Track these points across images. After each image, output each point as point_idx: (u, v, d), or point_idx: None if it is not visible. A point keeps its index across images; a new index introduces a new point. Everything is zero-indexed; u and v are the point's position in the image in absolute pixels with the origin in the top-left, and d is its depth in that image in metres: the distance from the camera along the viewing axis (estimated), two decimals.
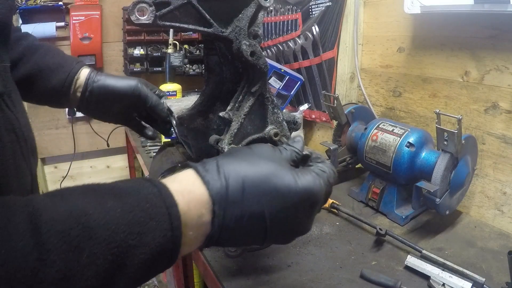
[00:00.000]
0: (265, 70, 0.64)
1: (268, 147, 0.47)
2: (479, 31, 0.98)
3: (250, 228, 0.42)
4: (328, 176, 0.48)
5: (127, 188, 0.38)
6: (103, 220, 0.35)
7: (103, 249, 0.33)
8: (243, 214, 0.40)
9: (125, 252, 0.35)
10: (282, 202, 0.42)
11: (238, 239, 0.43)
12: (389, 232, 0.85)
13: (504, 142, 0.96)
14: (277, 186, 0.42)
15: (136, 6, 0.52)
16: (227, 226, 0.40)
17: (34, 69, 0.74)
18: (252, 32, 0.61)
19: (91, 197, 0.36)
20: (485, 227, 0.95)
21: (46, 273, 0.30)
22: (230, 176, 0.41)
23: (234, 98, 0.68)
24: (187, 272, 1.25)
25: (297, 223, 0.45)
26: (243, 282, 0.73)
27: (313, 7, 1.47)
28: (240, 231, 0.41)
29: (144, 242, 0.36)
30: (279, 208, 0.42)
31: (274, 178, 0.42)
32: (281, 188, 0.42)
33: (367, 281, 0.73)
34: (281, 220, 0.43)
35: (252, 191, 0.41)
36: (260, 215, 0.41)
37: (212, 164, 0.42)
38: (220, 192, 0.40)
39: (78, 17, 2.06)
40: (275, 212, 0.42)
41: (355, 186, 1.12)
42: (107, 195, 0.37)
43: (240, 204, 0.40)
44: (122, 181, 0.40)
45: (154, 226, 0.36)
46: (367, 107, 1.27)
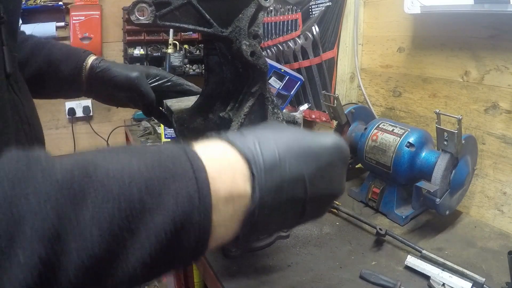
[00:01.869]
0: (265, 70, 0.64)
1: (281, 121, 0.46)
2: (479, 31, 0.98)
3: (291, 196, 0.37)
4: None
5: (146, 148, 0.34)
6: (115, 172, 0.29)
7: (110, 206, 0.27)
8: (283, 179, 0.36)
9: (139, 215, 0.28)
10: (317, 161, 0.39)
11: (278, 215, 0.38)
12: (389, 232, 0.85)
13: (504, 142, 0.96)
14: (310, 146, 0.39)
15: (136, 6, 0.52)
16: (268, 197, 0.35)
17: (44, 63, 0.76)
18: (252, 32, 0.61)
19: (103, 152, 0.31)
20: (485, 227, 0.95)
21: (33, 227, 0.25)
22: (261, 141, 0.37)
23: (234, 98, 0.68)
24: (187, 272, 1.25)
25: (333, 182, 0.42)
26: (243, 282, 0.73)
27: (313, 7, 1.47)
28: (281, 202, 0.37)
29: (165, 206, 0.29)
30: (316, 168, 0.39)
31: (304, 139, 0.40)
32: (314, 147, 0.40)
33: (367, 281, 0.73)
34: (320, 181, 0.39)
35: (287, 154, 0.37)
36: (300, 178, 0.37)
37: (237, 134, 0.39)
38: (255, 157, 0.35)
39: (78, 17, 2.06)
40: (313, 172, 0.38)
41: (355, 186, 1.12)
42: (122, 152, 0.32)
43: (278, 169, 0.36)
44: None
45: (177, 188, 0.30)
46: (367, 107, 1.27)
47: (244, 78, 0.67)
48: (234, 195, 0.34)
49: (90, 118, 2.38)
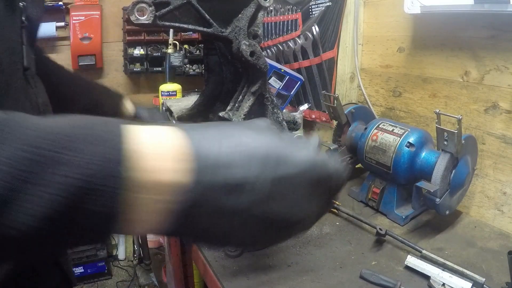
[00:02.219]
0: (265, 70, 0.64)
1: (266, 121, 0.39)
2: (479, 31, 0.98)
3: (235, 203, 0.32)
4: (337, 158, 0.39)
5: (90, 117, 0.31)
6: (36, 123, 0.28)
7: (12, 150, 0.26)
8: (228, 181, 0.32)
9: (47, 164, 0.26)
10: (280, 175, 0.33)
11: (219, 224, 0.33)
12: (389, 232, 0.85)
13: (504, 142, 0.96)
14: (278, 155, 0.34)
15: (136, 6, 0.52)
16: (206, 196, 0.31)
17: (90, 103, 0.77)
18: (252, 32, 0.61)
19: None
20: (485, 227, 0.95)
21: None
22: (222, 137, 0.33)
23: (234, 98, 0.68)
24: (187, 272, 1.25)
25: (296, 206, 0.35)
26: (243, 282, 0.73)
27: (313, 7, 1.47)
28: (222, 207, 0.32)
29: (78, 163, 0.27)
30: (275, 182, 0.33)
31: (274, 147, 0.34)
32: (283, 158, 0.34)
33: (367, 281, 0.73)
34: (276, 200, 0.33)
35: (245, 157, 0.33)
36: (249, 186, 0.32)
37: (199, 126, 0.35)
38: (205, 151, 0.32)
39: (78, 17, 2.06)
40: (269, 185, 0.33)
41: (355, 186, 1.12)
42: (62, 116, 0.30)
43: (227, 169, 0.32)
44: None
45: (96, 151, 0.28)
46: (367, 107, 1.27)
47: (244, 78, 0.67)
48: (165, 182, 0.30)
49: None
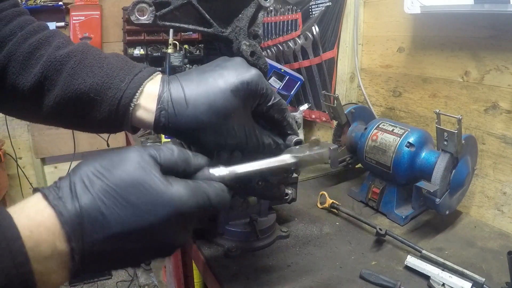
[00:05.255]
0: (265, 70, 0.64)
1: (135, 153, 0.40)
2: (479, 31, 0.98)
3: (119, 248, 0.37)
4: (211, 192, 0.43)
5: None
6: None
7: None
8: (105, 236, 0.36)
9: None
10: (146, 213, 0.37)
11: (112, 262, 0.39)
12: (389, 232, 0.85)
13: (504, 142, 0.96)
14: (147, 194, 0.38)
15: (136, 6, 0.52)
16: (91, 253, 0.36)
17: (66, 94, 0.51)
18: (252, 32, 0.61)
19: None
20: (485, 227, 0.95)
21: None
22: (83, 196, 0.36)
23: None
24: (187, 272, 1.25)
25: (167, 240, 0.41)
26: (243, 282, 0.73)
27: (313, 7, 1.47)
28: (109, 253, 0.37)
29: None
30: (146, 222, 0.37)
31: (137, 187, 0.38)
32: (145, 197, 0.38)
33: (367, 281, 0.73)
34: (151, 237, 0.39)
35: (113, 206, 0.36)
36: (126, 232, 0.37)
37: (65, 182, 0.37)
38: (73, 219, 0.35)
39: (78, 17, 2.06)
40: (139, 225, 0.37)
41: (355, 186, 1.12)
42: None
43: (99, 226, 0.36)
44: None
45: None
46: (367, 107, 1.27)
47: None
48: (55, 254, 0.35)
49: None
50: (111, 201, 0.36)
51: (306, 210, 1.01)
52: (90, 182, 0.37)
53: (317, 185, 1.18)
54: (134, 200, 0.37)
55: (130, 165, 0.39)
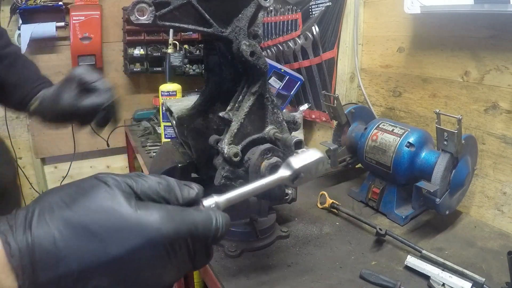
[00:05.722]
0: (265, 70, 0.64)
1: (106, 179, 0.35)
2: (479, 31, 0.98)
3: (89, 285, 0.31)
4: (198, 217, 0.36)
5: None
6: None
7: None
8: (60, 273, 0.30)
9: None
10: (111, 244, 0.31)
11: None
12: (389, 232, 0.85)
13: (504, 142, 0.96)
14: (102, 224, 0.32)
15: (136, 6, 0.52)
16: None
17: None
18: (252, 32, 0.61)
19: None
20: (485, 227, 0.95)
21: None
22: (37, 226, 0.31)
23: (234, 98, 0.68)
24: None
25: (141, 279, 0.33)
26: (243, 282, 0.73)
27: (313, 7, 1.47)
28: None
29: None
30: (110, 255, 0.31)
31: (101, 214, 0.32)
32: (110, 226, 0.32)
33: (367, 281, 0.73)
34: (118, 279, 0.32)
35: (70, 237, 0.31)
36: (83, 274, 0.31)
37: (23, 211, 0.33)
38: (22, 251, 0.30)
39: (78, 17, 2.06)
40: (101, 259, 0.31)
41: (355, 186, 1.12)
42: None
43: (53, 261, 0.30)
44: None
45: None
46: (367, 107, 1.27)
47: (244, 78, 0.67)
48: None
49: None
50: (69, 232, 0.31)
51: (306, 210, 1.01)
52: (49, 211, 0.32)
53: (317, 185, 1.18)
54: (97, 230, 0.31)
55: (97, 192, 0.33)
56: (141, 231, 0.32)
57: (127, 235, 0.32)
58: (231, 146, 0.64)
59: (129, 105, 2.41)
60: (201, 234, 0.36)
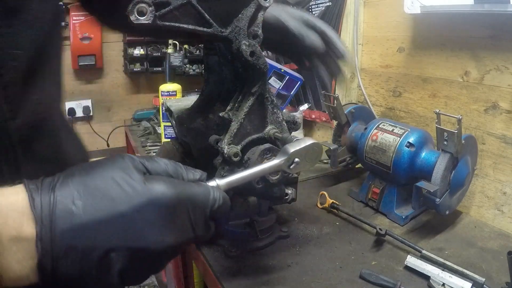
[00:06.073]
0: (265, 70, 0.64)
1: (121, 157, 0.40)
2: (479, 31, 0.98)
3: (92, 243, 0.35)
4: (198, 189, 0.41)
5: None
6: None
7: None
8: (74, 225, 0.34)
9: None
10: (119, 203, 0.36)
11: (86, 263, 0.34)
12: (389, 232, 0.85)
13: (504, 142, 0.96)
14: (115, 188, 0.36)
15: (135, 6, 0.51)
16: (61, 247, 0.34)
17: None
18: (252, 32, 0.61)
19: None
20: (485, 227, 0.95)
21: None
22: (60, 188, 0.36)
23: (234, 98, 0.68)
24: (187, 272, 1.25)
25: (143, 233, 0.37)
26: (243, 282, 0.73)
27: (313, 7, 1.47)
28: (81, 250, 0.34)
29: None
30: (117, 211, 0.36)
31: (115, 182, 0.37)
32: (121, 190, 0.36)
33: (367, 281, 0.73)
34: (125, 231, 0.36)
35: (87, 197, 0.36)
36: (95, 226, 0.35)
37: (49, 178, 0.37)
38: (44, 205, 0.34)
39: (78, 17, 2.06)
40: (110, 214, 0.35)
41: (355, 186, 1.12)
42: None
43: (69, 215, 0.34)
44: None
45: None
46: (367, 107, 1.27)
47: (244, 78, 0.67)
48: (21, 237, 0.33)
49: (90, 118, 2.38)
50: (86, 192, 0.36)
51: (306, 210, 1.01)
52: (71, 177, 0.37)
53: (317, 185, 1.18)
54: (109, 191, 0.36)
55: (113, 164, 0.39)
56: (147, 193, 0.37)
57: (134, 196, 0.37)
58: (231, 146, 0.64)
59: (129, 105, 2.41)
60: (200, 202, 0.41)
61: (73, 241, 0.34)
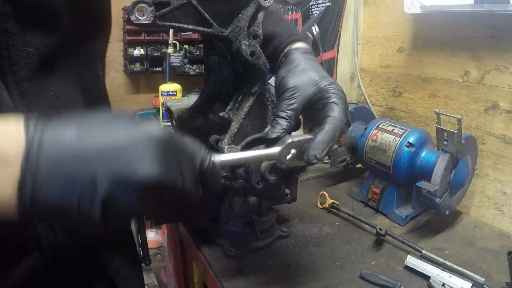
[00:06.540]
0: (265, 70, 0.64)
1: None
2: (479, 31, 0.98)
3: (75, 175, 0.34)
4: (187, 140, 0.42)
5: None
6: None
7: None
8: (63, 146, 0.34)
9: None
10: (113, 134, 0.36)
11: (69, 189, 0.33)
12: (389, 232, 0.85)
13: (504, 142, 0.96)
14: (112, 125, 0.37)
15: (136, 6, 0.52)
16: (46, 168, 0.33)
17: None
18: (252, 32, 0.61)
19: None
20: (485, 227, 0.95)
21: None
22: (59, 119, 0.36)
23: (234, 98, 0.68)
24: (187, 272, 1.25)
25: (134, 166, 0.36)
26: (243, 282, 0.73)
27: (313, 7, 1.47)
28: (65, 175, 0.33)
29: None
30: (109, 139, 0.36)
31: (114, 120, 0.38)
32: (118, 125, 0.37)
33: (367, 281, 0.73)
34: (113, 154, 0.35)
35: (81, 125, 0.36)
36: (87, 147, 0.35)
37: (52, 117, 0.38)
38: (38, 128, 0.34)
39: None
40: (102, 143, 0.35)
41: (355, 186, 1.12)
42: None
43: (60, 137, 0.34)
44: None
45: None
46: (367, 107, 1.27)
47: (244, 78, 0.67)
48: (6, 158, 0.33)
49: None
50: (84, 125, 0.36)
51: (306, 210, 1.01)
52: (75, 117, 0.38)
53: (317, 185, 1.18)
54: (107, 126, 0.37)
55: (112, 113, 0.41)
56: (143, 129, 0.38)
57: (131, 131, 0.37)
58: (231, 146, 0.64)
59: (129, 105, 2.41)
60: (190, 151, 0.42)
61: (59, 166, 0.33)
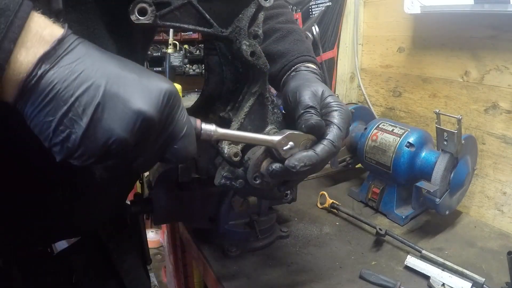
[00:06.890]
0: (265, 70, 0.64)
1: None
2: (479, 31, 0.98)
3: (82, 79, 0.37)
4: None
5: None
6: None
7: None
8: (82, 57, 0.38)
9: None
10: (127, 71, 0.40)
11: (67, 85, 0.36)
12: (389, 232, 0.85)
13: (504, 142, 0.96)
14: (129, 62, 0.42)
15: (136, 6, 0.51)
16: (67, 57, 0.37)
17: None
18: (252, 32, 0.61)
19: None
20: (485, 227, 0.95)
21: None
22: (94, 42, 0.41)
23: (234, 98, 0.68)
24: (187, 272, 1.25)
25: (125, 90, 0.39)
26: (243, 282, 0.73)
27: (313, 7, 1.47)
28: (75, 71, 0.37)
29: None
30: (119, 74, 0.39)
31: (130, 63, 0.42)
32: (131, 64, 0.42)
33: (367, 281, 0.73)
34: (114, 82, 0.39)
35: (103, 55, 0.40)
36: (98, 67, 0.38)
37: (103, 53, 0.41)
38: (74, 34, 0.38)
39: None
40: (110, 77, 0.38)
41: (355, 186, 1.12)
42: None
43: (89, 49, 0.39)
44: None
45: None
46: (367, 107, 1.27)
47: (244, 78, 0.67)
48: (43, 36, 0.36)
49: None
50: (108, 54, 0.40)
51: (306, 210, 1.01)
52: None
53: (317, 185, 1.18)
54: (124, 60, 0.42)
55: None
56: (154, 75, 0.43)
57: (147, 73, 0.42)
58: (231, 146, 0.64)
59: None
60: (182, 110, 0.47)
61: (77, 64, 0.37)
